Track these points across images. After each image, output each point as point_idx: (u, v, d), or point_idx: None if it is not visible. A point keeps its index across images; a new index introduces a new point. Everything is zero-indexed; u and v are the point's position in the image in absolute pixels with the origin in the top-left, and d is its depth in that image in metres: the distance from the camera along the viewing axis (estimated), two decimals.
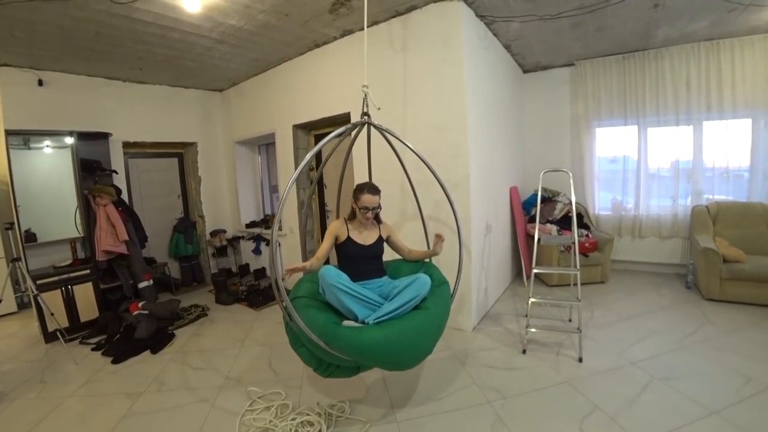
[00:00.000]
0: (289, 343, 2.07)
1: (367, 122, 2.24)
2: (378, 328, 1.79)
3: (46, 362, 3.16)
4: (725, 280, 3.37)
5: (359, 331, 1.77)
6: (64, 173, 3.85)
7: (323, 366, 1.99)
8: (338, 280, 1.90)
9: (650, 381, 2.34)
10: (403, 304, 1.90)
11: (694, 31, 3.62)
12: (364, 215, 2.23)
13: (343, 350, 1.75)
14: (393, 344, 1.76)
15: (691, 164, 4.15)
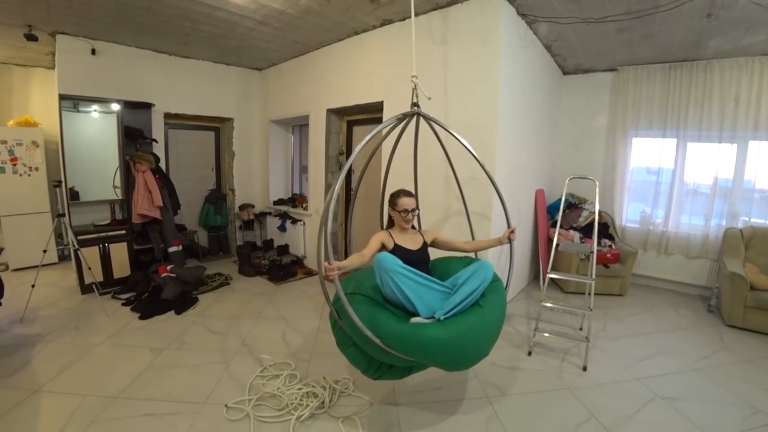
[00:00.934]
0: (336, 343, 2.05)
1: (417, 113, 2.18)
2: (442, 327, 1.67)
3: (80, 311, 3.48)
4: (750, 308, 3.25)
5: (423, 329, 1.67)
6: (108, 138, 4.12)
7: (374, 367, 1.93)
8: (398, 264, 1.80)
9: (653, 398, 2.34)
10: (471, 292, 1.80)
11: (749, 44, 3.42)
12: (405, 218, 2.20)
13: (404, 349, 1.66)
14: (456, 344, 1.66)
15: (731, 184, 3.96)
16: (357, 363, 1.98)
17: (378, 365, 1.94)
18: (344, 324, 1.85)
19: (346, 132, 4.62)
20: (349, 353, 1.98)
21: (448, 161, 2.58)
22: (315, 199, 4.68)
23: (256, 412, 2.12)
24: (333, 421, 2.10)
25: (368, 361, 1.94)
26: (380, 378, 1.98)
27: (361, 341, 1.82)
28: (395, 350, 1.68)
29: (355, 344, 1.93)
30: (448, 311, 1.75)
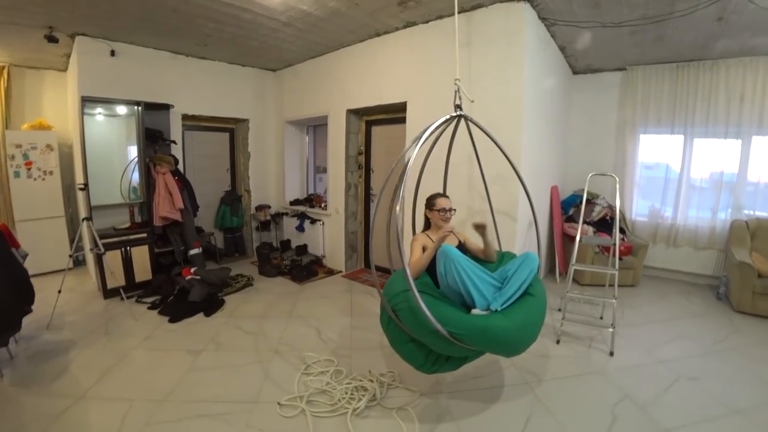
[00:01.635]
0: (390, 342, 2.21)
1: (461, 115, 2.31)
2: (505, 317, 1.83)
3: (106, 316, 3.54)
4: (758, 295, 3.52)
5: (488, 320, 1.81)
6: (123, 140, 4.19)
7: (431, 360, 2.05)
8: (462, 255, 1.95)
9: (677, 379, 2.56)
10: (522, 283, 1.97)
11: (755, 45, 3.70)
12: (443, 217, 2.42)
13: (472, 340, 1.80)
14: (518, 331, 1.83)
15: (735, 178, 4.25)
16: (413, 359, 2.10)
17: (435, 359, 2.08)
18: (403, 321, 1.99)
19: (365, 132, 4.75)
20: (406, 350, 2.10)
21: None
22: (335, 198, 4.81)
23: (309, 408, 2.21)
24: (387, 412, 2.22)
25: (426, 356, 2.07)
26: (436, 371, 2.13)
27: (425, 336, 1.93)
28: (464, 342, 1.82)
29: (412, 340, 2.06)
30: (504, 302, 1.91)
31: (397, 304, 2.03)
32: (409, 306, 1.94)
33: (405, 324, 1.99)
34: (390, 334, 2.20)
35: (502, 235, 3.01)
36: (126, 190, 4.23)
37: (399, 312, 2.01)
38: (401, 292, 2.03)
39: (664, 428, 2.07)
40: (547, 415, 2.20)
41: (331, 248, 4.98)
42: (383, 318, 2.24)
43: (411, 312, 1.93)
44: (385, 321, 2.21)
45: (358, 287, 4.36)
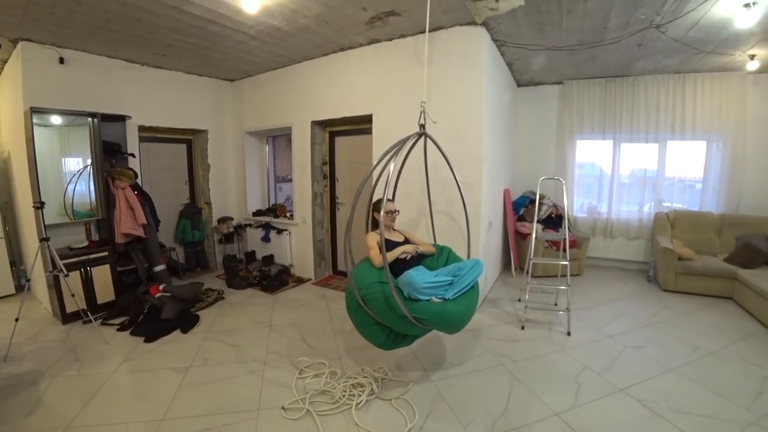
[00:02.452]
0: (356, 324, 2.60)
1: (423, 134, 2.68)
2: (456, 304, 2.41)
3: (72, 342, 3.35)
4: (679, 275, 4.29)
5: (444, 306, 2.37)
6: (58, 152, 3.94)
7: (390, 339, 2.54)
8: (421, 282, 2.43)
9: (624, 349, 3.12)
10: (471, 281, 2.53)
11: (666, 65, 4.52)
12: (391, 218, 2.87)
13: (431, 320, 2.34)
14: (463, 314, 2.43)
15: (655, 176, 5.12)
16: (376, 338, 2.56)
17: (394, 338, 2.57)
18: (372, 308, 2.41)
19: (329, 142, 4.96)
20: (371, 332, 2.55)
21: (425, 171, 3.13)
22: (301, 207, 4.96)
23: (314, 408, 2.36)
24: (385, 402, 2.47)
25: (387, 336, 2.55)
26: (393, 347, 2.61)
27: (391, 320, 2.39)
28: (423, 323, 2.35)
29: (376, 323, 2.50)
30: (455, 293, 2.47)
31: (368, 294, 2.43)
32: (382, 296, 2.39)
33: (373, 310, 2.42)
34: (356, 318, 2.58)
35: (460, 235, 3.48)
36: (69, 207, 3.99)
37: (369, 301, 2.41)
38: (373, 283, 2.46)
39: (619, 388, 2.56)
40: (525, 389, 2.59)
41: (299, 257, 5.11)
42: (351, 305, 2.59)
43: (382, 301, 2.38)
44: (354, 308, 2.56)
45: (331, 293, 4.54)
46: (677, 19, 3.19)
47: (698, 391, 2.50)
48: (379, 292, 2.40)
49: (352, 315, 2.62)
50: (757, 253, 4.06)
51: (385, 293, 2.38)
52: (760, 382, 2.61)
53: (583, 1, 2.98)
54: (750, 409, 2.32)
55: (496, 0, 3.04)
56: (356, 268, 2.64)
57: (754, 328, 3.47)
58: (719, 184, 4.86)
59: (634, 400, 2.42)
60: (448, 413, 2.36)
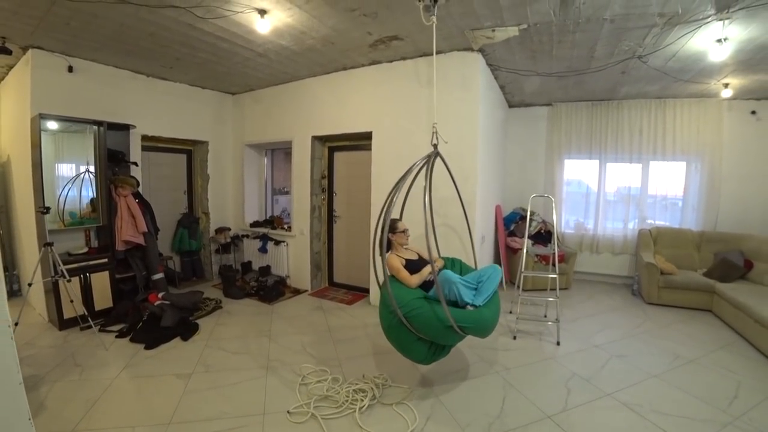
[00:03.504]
0: (396, 343, 2.69)
1: (437, 153, 2.85)
2: (488, 309, 2.64)
3: (70, 348, 3.40)
4: (662, 288, 4.57)
5: (480, 313, 2.58)
6: (52, 159, 3.95)
7: (431, 352, 2.64)
8: (458, 279, 2.68)
9: (610, 357, 3.33)
10: (494, 286, 2.77)
11: (648, 91, 4.90)
12: (406, 236, 3.09)
13: (471, 327, 2.50)
14: (494, 317, 2.68)
15: (639, 195, 5.46)
16: (417, 354, 2.65)
17: (435, 350, 2.66)
18: (415, 324, 2.50)
19: (328, 157, 5.16)
20: (413, 348, 2.63)
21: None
22: (299, 220, 5.11)
23: (318, 413, 2.47)
24: (387, 407, 2.61)
25: (428, 350, 2.64)
26: (434, 360, 2.73)
27: (436, 332, 2.51)
28: (466, 330, 2.49)
29: (419, 339, 2.58)
30: (483, 299, 2.68)
31: (411, 311, 2.51)
32: (428, 310, 2.50)
33: (416, 326, 2.50)
34: (398, 337, 2.65)
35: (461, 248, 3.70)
36: (61, 213, 4.00)
37: (413, 318, 2.49)
38: (414, 299, 2.59)
39: (606, 393, 2.76)
40: (518, 394, 2.76)
41: (295, 268, 5.23)
42: (392, 325, 2.63)
43: (429, 315, 2.49)
44: (396, 327, 2.61)
45: (328, 304, 4.67)
46: (657, 51, 3.52)
47: (679, 396, 2.72)
48: (423, 307, 2.52)
49: (393, 334, 2.68)
50: (733, 267, 4.37)
51: (431, 308, 2.51)
52: (735, 387, 2.84)
53: (572, 33, 3.28)
54: (726, 411, 2.54)
55: (493, 30, 3.32)
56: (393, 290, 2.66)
57: (730, 338, 3.74)
58: (698, 203, 5.22)
59: (620, 404, 2.62)
60: (447, 417, 2.51)
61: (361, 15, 3.15)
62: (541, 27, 3.21)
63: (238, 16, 3.19)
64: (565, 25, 3.13)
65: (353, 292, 5.05)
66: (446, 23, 3.22)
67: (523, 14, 3.03)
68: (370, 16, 3.18)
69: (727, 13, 2.78)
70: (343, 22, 3.30)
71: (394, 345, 2.75)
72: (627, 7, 2.80)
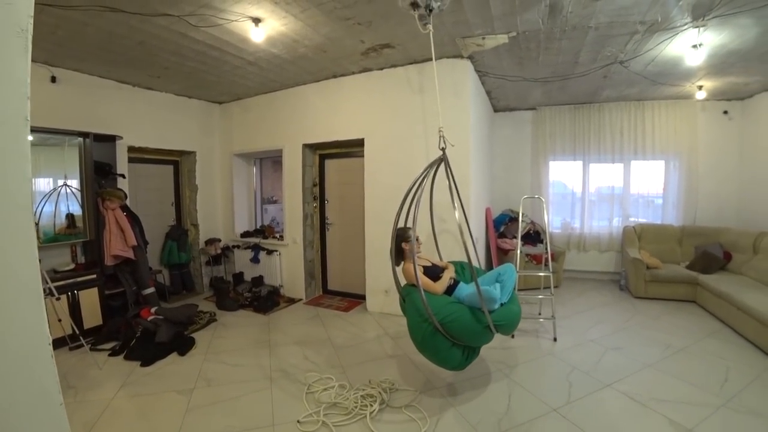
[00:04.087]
0: (430, 352, 2.64)
1: (443, 159, 2.91)
2: (514, 304, 2.78)
3: (61, 369, 3.12)
4: (648, 282, 4.79)
5: (510, 309, 2.71)
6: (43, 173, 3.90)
7: (465, 356, 2.65)
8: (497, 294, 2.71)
9: (606, 350, 3.48)
10: (513, 283, 2.86)
11: (628, 94, 5.17)
12: (418, 244, 3.06)
13: (505, 324, 2.64)
14: (520, 312, 2.83)
15: (622, 193, 5.73)
16: (453, 360, 2.64)
17: (468, 354, 2.69)
18: (451, 330, 2.52)
19: (319, 165, 5.20)
20: (449, 355, 2.61)
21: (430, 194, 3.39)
22: (292, 228, 5.12)
23: (329, 420, 2.49)
24: (396, 410, 2.65)
25: (461, 354, 2.65)
26: (467, 364, 2.73)
27: (473, 335, 2.57)
28: (500, 329, 2.62)
29: (453, 345, 2.59)
30: (508, 296, 2.80)
31: (445, 317, 2.52)
32: (465, 313, 2.56)
33: (453, 331, 2.53)
34: (433, 346, 2.60)
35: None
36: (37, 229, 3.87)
37: (448, 323, 2.51)
38: (447, 305, 2.63)
39: (606, 384, 2.89)
40: (522, 390, 2.87)
41: (289, 277, 5.22)
42: (426, 335, 2.58)
43: (467, 318, 2.54)
44: (430, 336, 2.57)
45: (324, 312, 4.69)
46: (637, 57, 3.74)
47: (674, 383, 2.88)
48: (459, 311, 2.56)
49: (428, 345, 2.62)
50: (714, 259, 4.64)
51: (467, 311, 2.57)
52: (725, 371, 3.03)
53: (558, 40, 3.45)
54: (719, 394, 2.71)
55: (483, 37, 3.46)
56: (418, 300, 2.61)
57: (716, 326, 3.97)
58: (677, 199, 5.52)
59: (621, 394, 2.75)
60: (456, 416, 2.57)
61: (356, 24, 3.23)
62: (529, 35, 3.37)
63: (231, 25, 3.22)
64: (552, 32, 3.30)
65: (349, 299, 5.08)
66: (438, 31, 3.33)
67: (513, 23, 3.18)
68: (364, 25, 3.26)
69: (702, 21, 3.00)
70: (336, 31, 3.37)
71: (430, 355, 2.70)
72: (611, 16, 2.99)
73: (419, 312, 2.60)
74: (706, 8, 2.84)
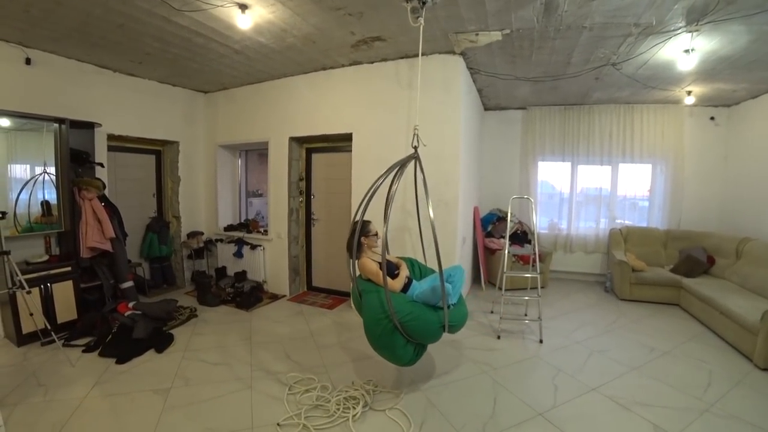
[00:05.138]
0: (385, 350, 2.64)
1: (416, 157, 2.86)
2: (462, 305, 2.93)
3: (31, 366, 3.14)
4: (633, 285, 4.82)
5: (458, 309, 2.81)
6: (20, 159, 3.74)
7: (416, 353, 2.69)
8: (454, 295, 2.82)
9: (591, 353, 3.47)
10: (461, 285, 2.96)
11: (618, 96, 5.17)
12: (377, 239, 3.11)
13: (457, 324, 2.76)
14: (467, 313, 2.98)
15: (609, 196, 5.75)
16: (405, 357, 2.65)
17: (418, 351, 2.73)
18: (410, 329, 2.54)
19: (305, 159, 5.09)
20: (403, 352, 2.62)
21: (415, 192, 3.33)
22: (276, 223, 5.00)
23: (310, 423, 2.41)
24: (379, 413, 2.58)
25: (413, 351, 2.67)
26: (416, 361, 2.75)
27: (428, 333, 2.62)
28: (452, 328, 2.70)
29: (407, 342, 2.60)
30: (457, 297, 2.89)
31: (406, 316, 2.52)
32: (425, 313, 2.62)
33: (411, 330, 2.54)
34: (389, 343, 2.59)
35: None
36: (15, 219, 3.66)
37: (408, 322, 2.51)
38: (406, 304, 2.65)
39: (591, 387, 2.88)
40: (508, 393, 2.82)
41: (273, 273, 5.11)
42: (385, 332, 2.57)
43: (426, 318, 2.60)
44: (388, 334, 2.56)
45: (308, 309, 4.60)
46: (630, 59, 3.72)
47: (658, 386, 2.88)
48: (418, 311, 2.60)
49: (384, 342, 2.61)
50: (697, 263, 4.68)
51: (426, 311, 2.64)
52: (708, 375, 3.05)
53: (552, 39, 3.41)
54: (702, 398, 2.72)
55: (476, 34, 3.39)
56: (378, 297, 2.69)
57: (698, 330, 4.01)
58: (663, 203, 5.57)
59: (605, 397, 2.74)
60: (440, 420, 2.52)
61: (347, 14, 3.13)
62: (523, 32, 3.31)
63: (216, 11, 3.08)
64: (546, 31, 3.25)
65: (334, 296, 4.99)
66: (431, 26, 3.25)
67: (508, 20, 3.11)
68: (355, 16, 3.16)
69: (696, 26, 2.98)
70: (326, 21, 3.27)
71: (384, 353, 2.70)
72: (606, 17, 2.95)
73: (381, 309, 2.61)
74: (700, 13, 2.82)
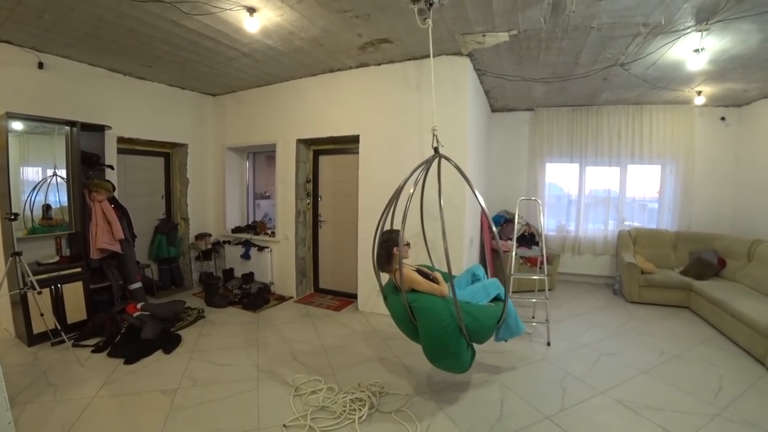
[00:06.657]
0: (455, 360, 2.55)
1: (439, 156, 2.88)
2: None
3: (41, 366, 3.17)
4: (642, 287, 4.77)
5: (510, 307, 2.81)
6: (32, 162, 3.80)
7: (473, 356, 2.66)
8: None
9: (600, 356, 3.44)
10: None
11: (627, 97, 5.13)
12: (409, 249, 3.02)
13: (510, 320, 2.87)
14: None
15: (618, 197, 5.70)
16: (466, 360, 2.61)
17: (473, 353, 2.68)
18: (471, 330, 2.54)
19: (313, 161, 5.11)
20: (468, 355, 2.61)
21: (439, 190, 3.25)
22: (284, 225, 5.02)
23: (316, 425, 2.41)
24: (386, 415, 2.57)
25: (471, 355, 2.65)
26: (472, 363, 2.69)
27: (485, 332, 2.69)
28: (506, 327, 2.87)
29: (468, 347, 2.60)
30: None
31: (471, 322, 2.55)
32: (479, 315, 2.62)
33: (471, 329, 2.53)
34: (453, 350, 2.54)
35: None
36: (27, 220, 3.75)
37: (469, 323, 2.51)
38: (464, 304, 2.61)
39: (600, 391, 2.84)
40: (515, 396, 2.80)
41: (280, 275, 5.13)
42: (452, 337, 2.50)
43: (481, 318, 2.61)
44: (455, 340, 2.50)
45: (315, 311, 4.60)
46: (638, 60, 3.69)
47: (668, 390, 2.84)
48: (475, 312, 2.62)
49: (452, 348, 2.52)
50: (708, 266, 4.62)
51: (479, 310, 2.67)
52: (719, 379, 2.99)
53: (559, 40, 3.39)
54: (713, 403, 2.67)
55: (483, 35, 3.38)
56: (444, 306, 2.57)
57: (709, 333, 3.95)
58: (673, 204, 5.51)
59: (614, 401, 2.71)
60: (447, 422, 2.51)
61: (354, 17, 3.15)
62: (530, 33, 3.30)
63: (225, 14, 3.11)
64: (553, 32, 3.23)
65: (340, 297, 5.00)
66: (438, 27, 3.25)
67: (515, 21, 3.11)
68: (362, 18, 3.17)
69: (705, 25, 2.95)
70: (334, 23, 3.28)
71: (448, 361, 2.61)
72: (614, 17, 2.92)
73: (446, 314, 2.49)
74: (710, 12, 2.79)
